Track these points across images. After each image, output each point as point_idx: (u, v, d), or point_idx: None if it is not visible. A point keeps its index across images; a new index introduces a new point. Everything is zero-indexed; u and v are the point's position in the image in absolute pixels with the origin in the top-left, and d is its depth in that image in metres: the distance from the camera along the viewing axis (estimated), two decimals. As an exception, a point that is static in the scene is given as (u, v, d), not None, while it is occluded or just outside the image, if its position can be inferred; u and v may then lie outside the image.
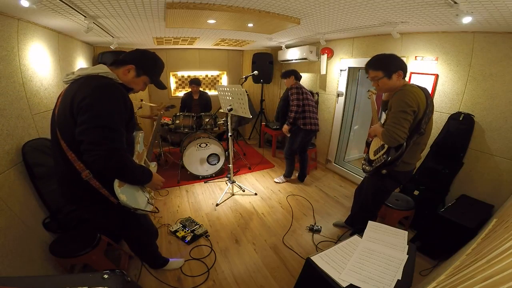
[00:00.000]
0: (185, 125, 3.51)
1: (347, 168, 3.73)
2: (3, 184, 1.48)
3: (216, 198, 2.99)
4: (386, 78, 1.60)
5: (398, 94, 1.54)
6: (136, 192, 1.31)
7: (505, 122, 1.97)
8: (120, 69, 1.24)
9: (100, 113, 1.05)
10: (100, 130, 1.04)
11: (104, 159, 1.04)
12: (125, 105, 1.15)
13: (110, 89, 1.11)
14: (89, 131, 1.03)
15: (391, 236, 1.44)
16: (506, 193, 1.97)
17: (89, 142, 1.03)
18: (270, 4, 1.81)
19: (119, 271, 0.69)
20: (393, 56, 1.62)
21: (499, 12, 1.52)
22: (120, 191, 1.18)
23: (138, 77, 1.28)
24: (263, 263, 2.03)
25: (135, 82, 1.29)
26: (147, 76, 1.31)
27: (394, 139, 1.49)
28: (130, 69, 1.24)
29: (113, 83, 1.16)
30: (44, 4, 1.62)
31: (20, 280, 0.65)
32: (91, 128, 1.03)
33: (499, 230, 1.21)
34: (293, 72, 3.08)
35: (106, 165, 1.07)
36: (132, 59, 1.26)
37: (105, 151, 1.04)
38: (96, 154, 1.03)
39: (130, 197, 1.23)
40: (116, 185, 1.17)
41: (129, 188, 1.24)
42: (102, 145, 1.03)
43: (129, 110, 1.20)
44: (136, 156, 1.39)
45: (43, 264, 1.59)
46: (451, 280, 0.93)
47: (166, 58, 4.46)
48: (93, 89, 1.07)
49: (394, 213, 2.18)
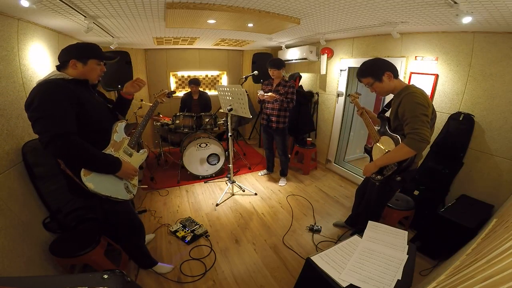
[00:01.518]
0: (185, 125, 3.51)
1: (347, 168, 3.73)
2: (3, 184, 1.48)
3: (216, 198, 2.99)
4: (377, 82, 1.64)
5: (407, 97, 1.50)
6: (107, 179, 1.36)
7: (505, 122, 1.97)
8: (67, 69, 1.30)
9: (36, 107, 1.13)
10: (40, 121, 1.12)
11: (50, 145, 1.12)
12: (64, 94, 1.19)
13: (45, 86, 1.18)
14: (34, 125, 1.14)
15: (391, 236, 1.44)
16: (506, 193, 1.97)
17: (38, 133, 1.14)
18: (270, 4, 1.81)
19: (119, 271, 0.69)
20: (376, 60, 1.65)
21: (499, 12, 1.52)
22: (86, 179, 1.24)
23: (86, 64, 1.32)
24: (263, 263, 2.03)
25: (88, 70, 1.34)
26: (93, 58, 1.35)
27: (424, 143, 1.39)
28: (74, 63, 1.29)
29: (53, 80, 1.21)
30: (44, 4, 1.62)
31: (20, 280, 0.65)
32: (35, 121, 1.13)
33: (499, 230, 1.21)
34: (284, 63, 3.02)
35: (54, 151, 1.15)
36: (68, 56, 1.29)
37: (48, 137, 1.12)
38: (43, 143, 1.12)
39: (98, 185, 1.29)
40: (82, 174, 1.23)
41: (97, 176, 1.30)
42: (45, 132, 1.12)
43: (77, 98, 1.23)
44: (111, 145, 1.43)
45: (43, 264, 1.58)
46: (451, 280, 0.93)
47: (166, 58, 4.46)
48: (32, 91, 1.17)
49: (394, 213, 2.18)
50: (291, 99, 2.94)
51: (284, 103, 2.92)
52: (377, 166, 1.67)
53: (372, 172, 1.72)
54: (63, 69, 1.31)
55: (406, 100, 1.51)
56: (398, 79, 1.64)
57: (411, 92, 1.52)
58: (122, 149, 1.51)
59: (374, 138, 1.81)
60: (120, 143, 1.50)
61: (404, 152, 1.48)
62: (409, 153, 1.46)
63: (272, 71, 2.97)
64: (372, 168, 1.70)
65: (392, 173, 1.63)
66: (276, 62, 2.97)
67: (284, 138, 3.17)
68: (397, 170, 1.60)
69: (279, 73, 2.98)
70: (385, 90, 1.66)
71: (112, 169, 1.37)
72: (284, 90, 2.95)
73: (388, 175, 1.66)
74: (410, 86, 1.60)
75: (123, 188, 1.45)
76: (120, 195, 1.42)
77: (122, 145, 1.51)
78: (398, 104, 1.58)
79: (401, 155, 1.50)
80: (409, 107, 1.47)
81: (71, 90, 1.23)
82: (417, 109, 1.44)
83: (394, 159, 1.56)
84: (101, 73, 1.43)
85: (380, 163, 1.65)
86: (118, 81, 3.52)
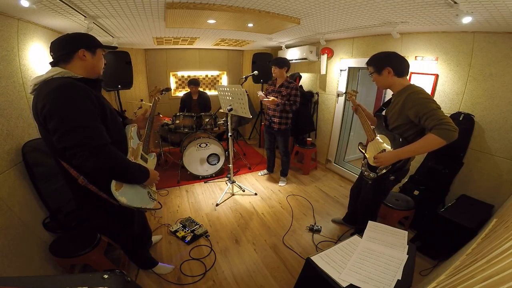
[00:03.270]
0: (185, 125, 3.51)
1: (347, 168, 3.73)
2: (3, 184, 1.48)
3: (216, 198, 2.99)
4: (376, 73, 1.66)
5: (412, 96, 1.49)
6: (136, 190, 1.27)
7: (505, 122, 1.97)
8: (72, 62, 1.14)
9: (66, 115, 0.99)
10: (75, 132, 0.99)
11: (91, 158, 1.01)
12: (89, 99, 1.07)
13: (66, 88, 1.03)
14: (65, 136, 0.99)
15: (391, 236, 1.44)
16: (506, 193, 1.97)
17: (71, 147, 1.00)
18: (270, 4, 1.81)
19: (119, 271, 0.69)
20: (387, 54, 1.64)
21: (499, 12, 1.52)
22: (118, 193, 1.13)
23: (95, 54, 1.20)
24: (263, 263, 2.03)
25: (96, 60, 1.21)
26: (99, 47, 1.23)
27: (456, 132, 1.33)
28: (83, 53, 1.15)
29: (69, 81, 1.06)
30: (44, 4, 1.62)
31: (20, 280, 0.65)
32: (65, 133, 0.99)
33: (499, 230, 1.21)
34: (289, 64, 2.92)
35: (95, 165, 1.03)
36: (75, 45, 1.14)
37: (88, 150, 1.00)
38: (81, 156, 1.00)
39: (130, 197, 1.20)
40: (113, 189, 1.12)
41: (128, 188, 1.20)
42: (84, 145, 1.00)
43: (99, 104, 1.11)
44: (131, 153, 1.33)
45: (43, 264, 1.59)
46: (451, 280, 0.93)
47: (166, 58, 4.46)
48: (49, 94, 1.01)
49: (394, 213, 2.18)
50: (294, 101, 2.86)
51: (286, 106, 2.85)
52: (399, 157, 1.54)
53: (391, 162, 1.58)
54: (65, 63, 1.13)
55: (412, 100, 1.49)
56: (401, 78, 1.62)
57: (414, 91, 1.51)
58: (140, 156, 1.42)
59: (370, 136, 1.81)
60: (137, 150, 1.41)
61: (434, 143, 1.38)
62: (440, 144, 1.36)
63: (273, 68, 2.89)
64: (392, 158, 1.56)
65: (386, 172, 1.63)
66: (278, 60, 2.88)
67: (286, 139, 3.16)
68: (391, 170, 1.60)
69: (281, 72, 2.89)
70: (382, 83, 1.68)
71: (145, 178, 1.28)
72: (286, 91, 2.87)
73: (381, 173, 1.66)
74: (411, 85, 1.60)
75: (147, 196, 1.36)
76: (148, 205, 1.33)
77: (138, 151, 1.43)
78: (401, 104, 1.56)
79: (431, 146, 1.40)
80: (420, 105, 1.44)
81: (92, 93, 1.09)
82: (429, 103, 1.42)
83: (421, 150, 1.47)
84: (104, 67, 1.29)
85: (403, 155, 1.52)
86: (118, 81, 3.52)
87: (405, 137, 1.60)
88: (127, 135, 1.37)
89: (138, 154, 1.42)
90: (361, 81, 3.53)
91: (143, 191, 1.33)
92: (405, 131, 1.61)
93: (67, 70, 1.11)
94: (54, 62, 1.14)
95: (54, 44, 1.14)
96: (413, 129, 1.58)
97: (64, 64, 1.13)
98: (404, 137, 1.60)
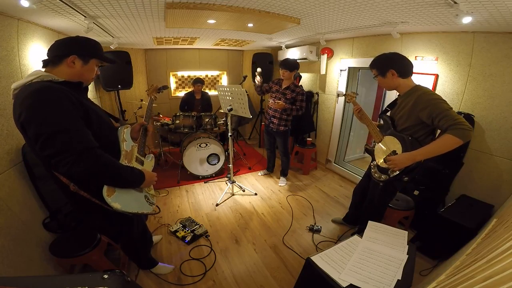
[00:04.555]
0: (185, 125, 3.51)
1: (347, 168, 3.73)
2: (3, 184, 1.48)
3: (216, 198, 2.99)
4: (380, 76, 1.65)
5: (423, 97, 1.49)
6: (131, 195, 1.22)
7: (505, 122, 1.97)
8: (60, 66, 1.09)
9: (43, 121, 0.93)
10: (56, 137, 0.94)
11: (77, 163, 0.96)
12: (69, 101, 1.00)
13: (41, 93, 0.96)
14: (47, 142, 0.93)
15: (391, 236, 1.44)
16: (506, 193, 1.97)
17: (55, 153, 0.94)
18: (270, 4, 1.81)
19: (119, 271, 0.69)
20: (389, 55, 1.63)
21: (499, 12, 1.52)
22: (111, 200, 1.08)
23: (87, 64, 1.14)
24: (263, 263, 2.03)
25: (86, 70, 1.15)
26: (96, 58, 1.18)
27: (472, 131, 1.35)
28: (73, 59, 1.09)
29: (46, 85, 1.00)
30: (44, 4, 1.62)
31: (20, 280, 0.65)
32: (45, 139, 0.93)
33: (499, 230, 1.21)
34: (298, 66, 2.87)
35: (83, 170, 0.98)
36: (69, 50, 1.09)
37: (72, 156, 0.95)
38: (66, 163, 0.95)
39: (125, 202, 1.14)
40: (105, 195, 1.07)
41: (121, 193, 1.15)
42: (66, 151, 0.94)
43: (81, 106, 1.05)
44: (124, 156, 1.28)
45: (43, 264, 1.59)
46: (451, 280, 0.93)
47: (166, 58, 4.46)
48: (24, 100, 0.95)
49: (394, 213, 2.18)
50: (300, 107, 2.87)
51: (293, 111, 2.86)
52: (415, 159, 1.50)
53: (406, 165, 1.54)
54: (53, 66, 1.09)
55: (423, 101, 1.48)
56: (407, 79, 1.61)
57: (424, 92, 1.51)
58: (134, 159, 1.36)
59: (377, 137, 1.78)
60: (131, 152, 1.35)
61: (452, 143, 1.37)
62: (457, 143, 1.35)
63: (283, 71, 2.82)
64: (407, 160, 1.51)
65: (399, 173, 1.60)
66: (288, 63, 2.79)
67: (285, 140, 3.16)
68: (404, 171, 1.58)
69: (290, 75, 2.85)
70: (387, 85, 1.67)
71: (139, 182, 1.23)
72: (291, 95, 2.85)
73: (394, 175, 1.63)
74: (418, 86, 1.59)
75: (144, 200, 1.30)
76: (145, 209, 1.27)
77: (133, 154, 1.36)
78: (412, 105, 1.55)
79: (449, 146, 1.38)
80: (433, 106, 1.44)
81: (72, 96, 1.03)
82: (441, 104, 1.42)
83: (438, 151, 1.44)
84: (95, 77, 1.25)
85: (419, 157, 1.49)
86: (118, 81, 3.52)
87: (416, 138, 1.58)
88: (119, 137, 1.32)
89: (133, 157, 1.36)
90: (361, 81, 3.53)
91: (139, 195, 1.28)
92: (415, 132, 1.59)
93: (49, 73, 1.06)
94: (44, 63, 1.11)
95: (54, 44, 1.12)
96: (424, 129, 1.57)
97: (51, 67, 1.10)
98: (415, 137, 1.58)
